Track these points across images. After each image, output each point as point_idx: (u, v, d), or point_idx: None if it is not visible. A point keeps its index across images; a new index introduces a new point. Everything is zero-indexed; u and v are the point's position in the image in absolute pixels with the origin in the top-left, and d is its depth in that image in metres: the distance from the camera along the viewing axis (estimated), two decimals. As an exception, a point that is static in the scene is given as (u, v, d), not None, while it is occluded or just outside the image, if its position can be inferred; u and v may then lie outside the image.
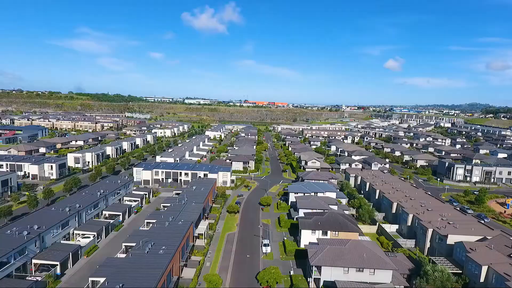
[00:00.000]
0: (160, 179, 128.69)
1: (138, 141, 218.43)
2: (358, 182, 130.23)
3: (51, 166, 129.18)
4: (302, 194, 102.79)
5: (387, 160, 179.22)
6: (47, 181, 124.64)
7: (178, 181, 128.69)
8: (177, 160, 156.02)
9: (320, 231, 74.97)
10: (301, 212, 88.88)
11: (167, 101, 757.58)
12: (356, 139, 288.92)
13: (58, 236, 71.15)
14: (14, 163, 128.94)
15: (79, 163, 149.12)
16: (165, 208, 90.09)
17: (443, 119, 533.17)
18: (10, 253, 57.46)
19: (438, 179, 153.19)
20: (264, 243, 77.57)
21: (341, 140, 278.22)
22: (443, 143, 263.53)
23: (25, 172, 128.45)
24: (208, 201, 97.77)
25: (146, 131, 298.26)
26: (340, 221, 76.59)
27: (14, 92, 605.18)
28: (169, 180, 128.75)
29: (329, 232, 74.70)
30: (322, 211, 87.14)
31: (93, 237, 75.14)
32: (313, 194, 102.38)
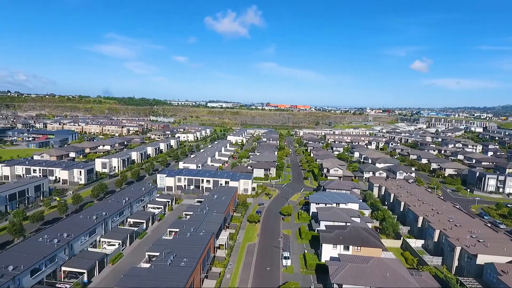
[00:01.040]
0: (183, 186, 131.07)
1: (162, 146, 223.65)
2: (382, 193, 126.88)
3: (80, 171, 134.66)
4: (324, 205, 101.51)
5: (413, 168, 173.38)
6: (76, 186, 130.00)
7: (200, 188, 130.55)
8: (199, 166, 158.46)
9: (342, 246, 73.65)
10: (322, 225, 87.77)
11: (190, 104, 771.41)
12: (381, 145, 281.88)
13: (86, 244, 73.91)
14: (46, 168, 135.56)
15: (106, 168, 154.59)
16: (187, 217, 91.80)
17: (474, 123, 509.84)
18: (41, 260, 60.27)
19: (468, 189, 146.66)
20: (284, 255, 77.09)
21: (365, 146, 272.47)
22: (474, 150, 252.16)
23: (56, 177, 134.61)
24: (229, 210, 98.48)
25: (169, 135, 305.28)
26: (363, 236, 74.90)
27: (47, 96, 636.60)
28: (191, 187, 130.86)
29: (351, 247, 73.22)
30: (344, 224, 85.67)
31: (118, 245, 77.53)
32: (335, 205, 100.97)
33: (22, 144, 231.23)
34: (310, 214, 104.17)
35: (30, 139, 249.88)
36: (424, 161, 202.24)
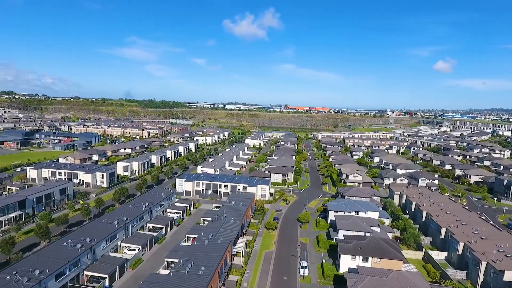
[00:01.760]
0: (201, 191, 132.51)
1: (181, 149, 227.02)
2: (403, 201, 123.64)
3: (102, 175, 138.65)
4: (342, 213, 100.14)
5: (436, 175, 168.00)
6: (99, 189, 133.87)
7: (218, 193, 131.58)
8: (217, 171, 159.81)
9: (361, 257, 72.32)
10: (341, 234, 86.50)
11: (209, 107, 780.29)
12: (402, 149, 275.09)
13: (107, 249, 75.91)
14: (70, 171, 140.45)
15: (127, 171, 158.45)
16: (205, 223, 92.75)
17: (502, 127, 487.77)
18: (66, 265, 62.38)
19: (495, 198, 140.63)
20: (302, 265, 76.49)
21: (385, 150, 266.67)
22: (502, 156, 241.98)
23: (79, 180, 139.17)
24: (247, 217, 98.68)
25: (188, 138, 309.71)
26: (383, 247, 73.25)
27: (72, 99, 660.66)
28: (209, 192, 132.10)
29: (370, 258, 71.80)
30: (363, 234, 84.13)
31: (138, 250, 79.21)
32: (353, 213, 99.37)
33: (49, 147, 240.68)
34: (328, 222, 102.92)
35: (56, 141, 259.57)
36: (447, 167, 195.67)
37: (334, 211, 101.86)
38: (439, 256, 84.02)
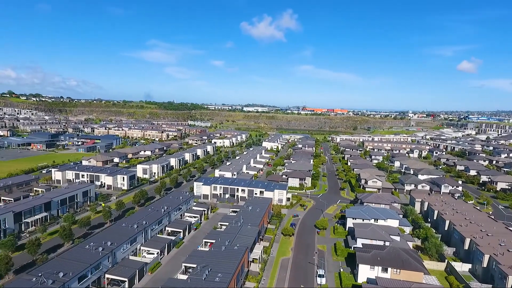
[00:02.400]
0: (218, 194, 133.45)
1: (199, 152, 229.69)
2: (425, 208, 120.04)
3: (123, 177, 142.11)
4: (361, 221, 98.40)
5: (460, 181, 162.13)
6: (119, 192, 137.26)
7: (235, 197, 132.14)
8: (234, 174, 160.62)
9: (380, 268, 70.73)
10: (359, 242, 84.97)
11: (227, 108, 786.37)
12: (424, 153, 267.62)
13: (127, 252, 77.66)
14: (93, 173, 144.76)
15: (146, 174, 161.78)
16: (222, 227, 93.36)
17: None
18: (88, 268, 64.25)
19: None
20: (319, 273, 75.58)
21: (406, 154, 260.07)
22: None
23: (101, 182, 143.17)
24: (264, 223, 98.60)
25: (206, 140, 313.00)
26: (403, 258, 71.37)
27: (94, 101, 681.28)
28: (227, 196, 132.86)
29: (389, 269, 70.09)
30: (383, 243, 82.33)
31: (156, 254, 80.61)
32: (373, 221, 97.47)
33: (72, 148, 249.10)
34: (347, 229, 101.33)
35: (79, 143, 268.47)
36: (472, 172, 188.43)
37: (353, 218, 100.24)
38: (462, 268, 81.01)
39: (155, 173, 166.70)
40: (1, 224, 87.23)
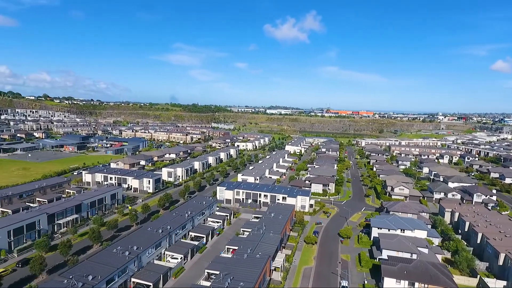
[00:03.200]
0: (241, 199, 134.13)
1: (222, 155, 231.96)
2: (455, 219, 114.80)
3: (149, 181, 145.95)
4: (387, 231, 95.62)
5: (494, 190, 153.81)
6: (145, 195, 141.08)
7: (258, 202, 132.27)
8: (257, 179, 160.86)
9: (406, 282, 68.39)
10: (385, 254, 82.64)
11: (250, 111, 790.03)
12: (455, 159, 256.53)
13: (152, 256, 79.55)
14: (120, 176, 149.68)
15: (171, 177, 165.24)
16: (245, 233, 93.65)
17: None
18: (115, 272, 66.40)
19: None
20: (342, 284, 74.14)
21: (435, 159, 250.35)
22: None
23: (128, 185, 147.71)
24: (286, 230, 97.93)
25: (229, 143, 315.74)
26: (431, 272, 68.63)
27: (122, 104, 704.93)
28: (249, 201, 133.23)
29: (416, 284, 67.66)
30: (410, 255, 79.57)
31: (180, 259, 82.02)
32: (399, 231, 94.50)
33: (101, 151, 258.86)
34: (371, 239, 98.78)
35: (108, 145, 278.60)
36: (508, 180, 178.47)
37: (378, 228, 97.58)
38: (496, 284, 76.61)
39: (179, 176, 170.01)
40: (36, 225, 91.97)
